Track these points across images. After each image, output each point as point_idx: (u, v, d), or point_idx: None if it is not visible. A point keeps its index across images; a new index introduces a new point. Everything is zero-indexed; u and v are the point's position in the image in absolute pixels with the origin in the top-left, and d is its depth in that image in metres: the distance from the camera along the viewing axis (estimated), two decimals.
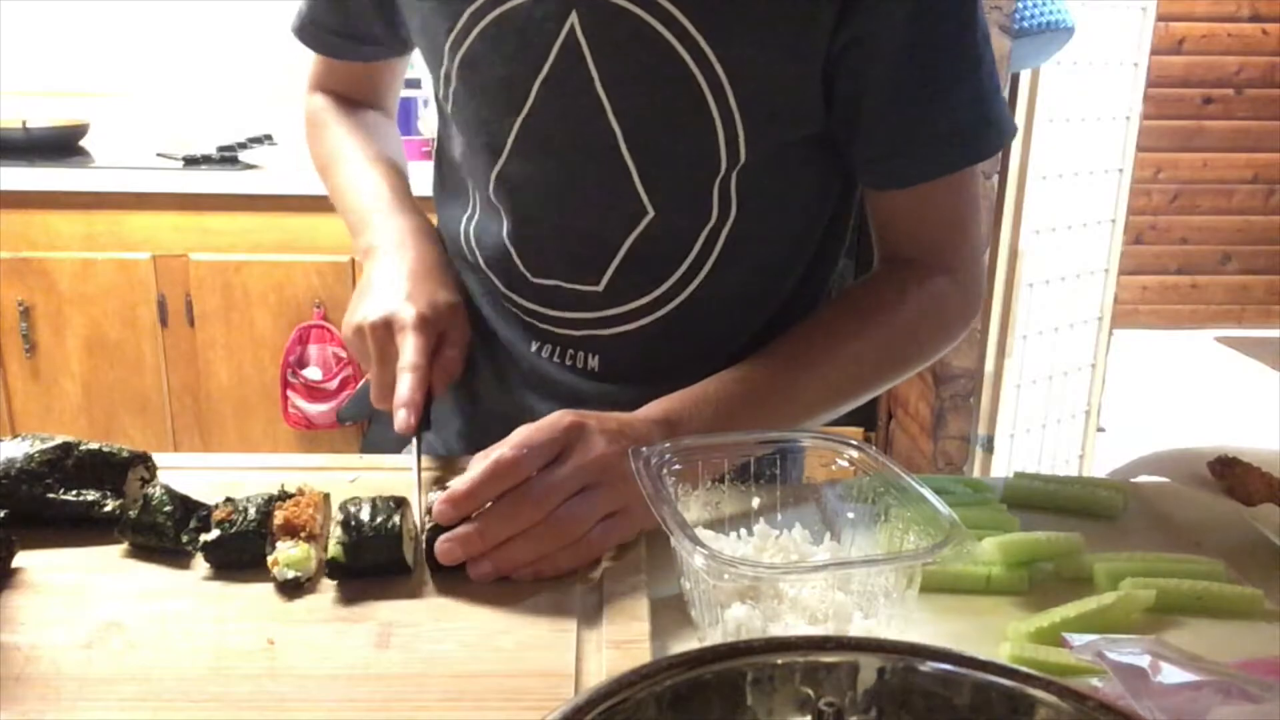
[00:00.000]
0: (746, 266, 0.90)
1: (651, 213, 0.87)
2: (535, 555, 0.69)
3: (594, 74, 0.82)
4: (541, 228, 0.91)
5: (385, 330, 0.82)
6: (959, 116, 0.84)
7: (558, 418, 0.72)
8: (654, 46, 0.80)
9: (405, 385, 0.78)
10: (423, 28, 0.89)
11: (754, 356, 0.84)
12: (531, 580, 0.69)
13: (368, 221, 0.94)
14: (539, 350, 0.95)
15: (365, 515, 0.68)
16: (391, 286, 0.84)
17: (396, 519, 0.69)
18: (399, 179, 1.01)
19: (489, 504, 0.69)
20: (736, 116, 0.82)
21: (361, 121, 1.07)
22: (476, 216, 0.96)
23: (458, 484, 0.69)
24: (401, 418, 0.77)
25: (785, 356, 0.84)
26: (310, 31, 1.04)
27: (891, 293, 0.89)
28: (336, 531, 0.68)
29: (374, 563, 0.68)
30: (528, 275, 0.93)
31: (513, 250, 0.93)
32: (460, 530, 0.69)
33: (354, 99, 1.10)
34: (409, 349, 0.80)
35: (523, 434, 0.71)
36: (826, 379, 0.85)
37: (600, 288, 0.91)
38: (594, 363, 0.93)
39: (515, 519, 0.69)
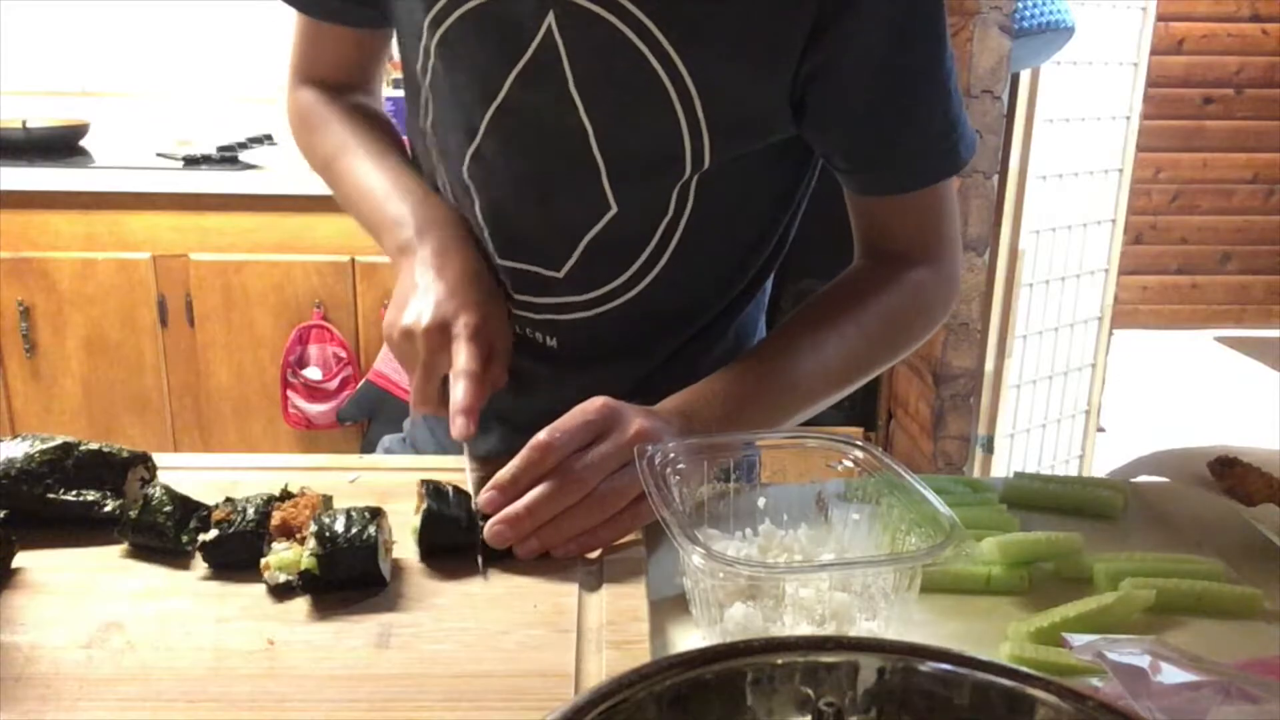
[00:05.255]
0: (704, 258, 0.93)
1: (615, 209, 0.89)
2: (579, 530, 0.72)
3: (569, 74, 0.83)
4: (511, 213, 0.92)
5: (440, 336, 0.81)
6: (933, 132, 0.88)
7: (591, 402, 0.75)
8: (626, 53, 0.81)
9: (462, 392, 0.77)
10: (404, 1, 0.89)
11: (753, 350, 0.87)
12: (576, 555, 0.72)
13: (400, 219, 0.90)
14: None
15: (340, 526, 0.67)
16: (443, 291, 0.83)
17: (372, 530, 0.67)
18: (415, 170, 0.98)
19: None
20: (703, 126, 0.84)
21: (358, 111, 1.03)
22: (447, 190, 0.96)
23: (501, 473, 0.73)
24: (460, 424, 0.76)
25: (783, 349, 0.87)
26: None
27: (876, 284, 0.92)
28: (310, 543, 0.66)
29: (349, 575, 0.66)
30: (495, 256, 0.94)
31: (486, 229, 0.93)
32: (508, 511, 0.72)
33: (342, 85, 1.05)
34: (464, 356, 0.79)
35: (560, 420, 0.74)
36: (824, 368, 0.87)
37: (561, 275, 0.92)
38: (552, 343, 0.96)
39: (559, 497, 0.72)
